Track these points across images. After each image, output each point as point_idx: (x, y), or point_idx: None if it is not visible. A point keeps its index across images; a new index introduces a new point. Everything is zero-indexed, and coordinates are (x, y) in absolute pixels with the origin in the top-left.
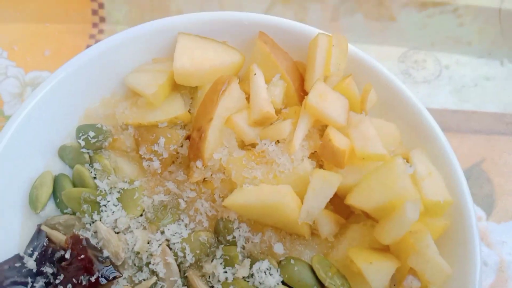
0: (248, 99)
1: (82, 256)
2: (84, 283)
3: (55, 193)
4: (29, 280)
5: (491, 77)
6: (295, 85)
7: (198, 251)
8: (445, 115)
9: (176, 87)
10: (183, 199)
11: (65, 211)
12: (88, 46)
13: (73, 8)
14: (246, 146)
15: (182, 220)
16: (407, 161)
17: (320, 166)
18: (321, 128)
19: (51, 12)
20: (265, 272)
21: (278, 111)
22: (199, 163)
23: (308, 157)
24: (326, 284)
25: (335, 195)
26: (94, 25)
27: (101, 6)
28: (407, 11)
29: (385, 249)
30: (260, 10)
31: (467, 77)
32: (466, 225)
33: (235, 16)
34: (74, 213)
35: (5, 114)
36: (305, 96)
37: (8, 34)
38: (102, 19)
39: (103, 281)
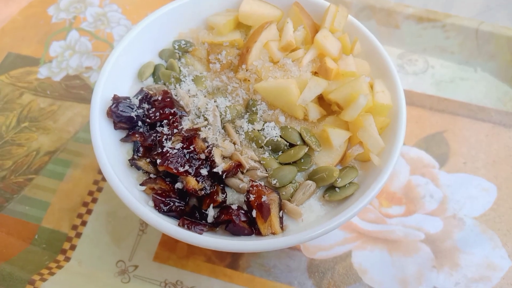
0: (280, 37)
1: (168, 99)
2: (166, 112)
3: (154, 73)
4: (135, 107)
5: (465, 78)
6: (312, 34)
7: (234, 114)
8: (423, 97)
9: (237, 26)
10: (230, 86)
11: (158, 82)
12: None
13: None
14: (274, 62)
15: (227, 97)
16: (371, 84)
17: None
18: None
19: None
20: (271, 128)
21: (298, 48)
22: (243, 66)
23: (310, 72)
24: (305, 139)
25: (322, 97)
26: None
27: None
28: (408, 22)
29: (346, 128)
30: None
31: (447, 76)
32: (398, 126)
33: None
34: (164, 84)
35: None
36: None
37: None
38: None
39: (178, 113)
